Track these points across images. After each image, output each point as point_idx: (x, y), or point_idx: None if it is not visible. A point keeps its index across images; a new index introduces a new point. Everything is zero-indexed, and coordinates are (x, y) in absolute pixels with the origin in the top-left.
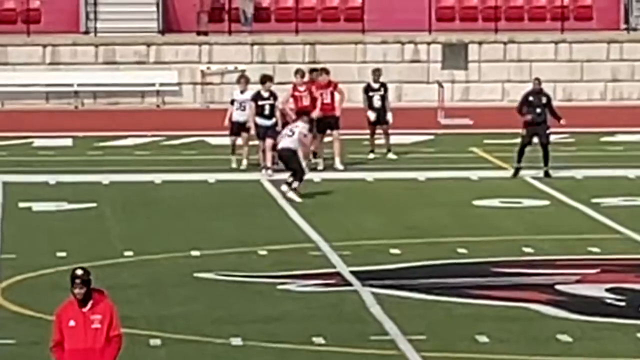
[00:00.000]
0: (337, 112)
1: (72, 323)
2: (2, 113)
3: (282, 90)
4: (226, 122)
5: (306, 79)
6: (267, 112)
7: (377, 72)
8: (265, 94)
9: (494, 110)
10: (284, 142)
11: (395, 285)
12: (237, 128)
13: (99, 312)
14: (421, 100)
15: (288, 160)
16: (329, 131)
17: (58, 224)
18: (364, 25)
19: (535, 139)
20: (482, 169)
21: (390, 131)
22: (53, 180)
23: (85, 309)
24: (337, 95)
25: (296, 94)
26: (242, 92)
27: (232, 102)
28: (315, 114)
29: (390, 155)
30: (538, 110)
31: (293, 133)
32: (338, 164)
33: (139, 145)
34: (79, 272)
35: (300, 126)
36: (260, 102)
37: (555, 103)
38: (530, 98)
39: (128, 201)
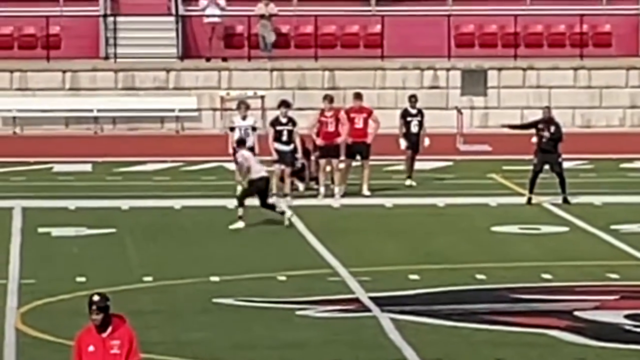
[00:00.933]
0: (369, 140)
1: (91, 348)
2: (22, 138)
3: (301, 116)
4: (230, 150)
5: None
6: (285, 137)
7: (413, 98)
8: (284, 120)
9: (512, 136)
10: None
11: (414, 311)
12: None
13: (118, 337)
14: (440, 127)
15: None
16: (358, 157)
17: (77, 250)
18: (383, 52)
19: (547, 166)
20: (501, 195)
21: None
22: (72, 206)
23: (104, 335)
24: (371, 123)
25: (322, 119)
26: (243, 118)
27: (231, 129)
28: (342, 139)
29: (408, 182)
30: (544, 139)
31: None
32: (365, 190)
33: (158, 171)
34: (96, 298)
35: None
36: (278, 128)
37: (573, 129)
38: (540, 125)
39: (147, 227)
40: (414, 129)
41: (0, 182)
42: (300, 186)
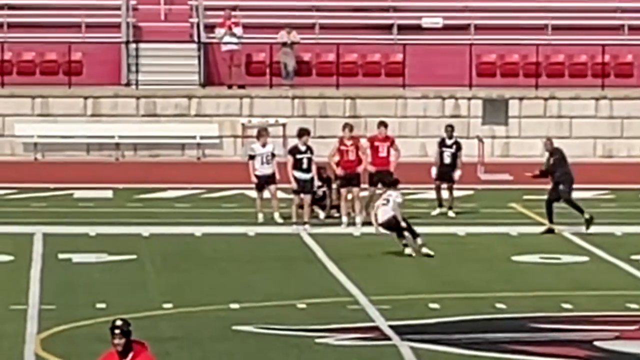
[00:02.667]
0: (392, 168)
1: None
2: (43, 164)
3: (321, 144)
4: (253, 178)
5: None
6: (305, 165)
7: (449, 128)
8: (303, 148)
9: (534, 166)
10: (386, 214)
11: (433, 340)
12: (263, 182)
13: None
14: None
15: (396, 226)
16: (379, 185)
17: (98, 276)
18: (405, 80)
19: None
20: (522, 225)
21: (431, 187)
22: (93, 232)
23: None
24: (392, 152)
25: (342, 147)
26: (263, 145)
27: (251, 157)
28: (362, 167)
29: (450, 213)
30: (559, 170)
31: (388, 202)
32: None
33: (179, 198)
34: (119, 322)
35: (394, 195)
36: (298, 156)
37: (594, 159)
38: (551, 160)
39: (168, 253)
40: (447, 159)
41: (21, 207)
42: (321, 214)
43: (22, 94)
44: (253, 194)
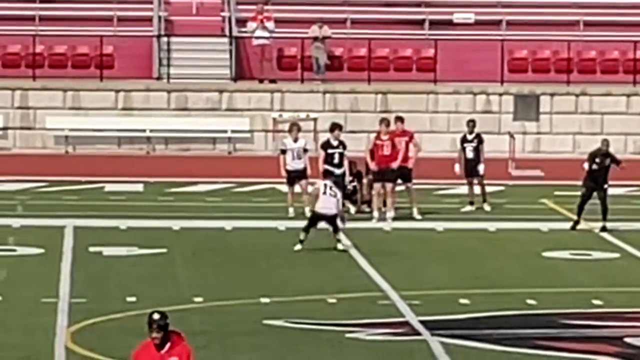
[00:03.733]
0: (410, 164)
1: None
2: (74, 157)
3: (352, 139)
4: (283, 173)
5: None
6: (336, 160)
7: (471, 123)
8: (335, 143)
9: (564, 162)
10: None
11: (464, 336)
12: (294, 177)
13: (176, 354)
14: (492, 151)
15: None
16: (399, 181)
17: (128, 269)
18: (436, 76)
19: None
20: (552, 221)
21: (462, 182)
22: (124, 225)
23: (162, 351)
24: (411, 147)
25: (378, 142)
26: (294, 140)
27: (283, 151)
28: (396, 164)
29: (485, 207)
30: (596, 171)
31: (336, 195)
32: (416, 213)
33: (209, 192)
34: (156, 316)
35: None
36: (329, 151)
37: (626, 156)
38: (597, 159)
39: (198, 247)
40: (469, 154)
41: (52, 201)
42: (352, 209)
43: (53, 87)
44: (284, 188)
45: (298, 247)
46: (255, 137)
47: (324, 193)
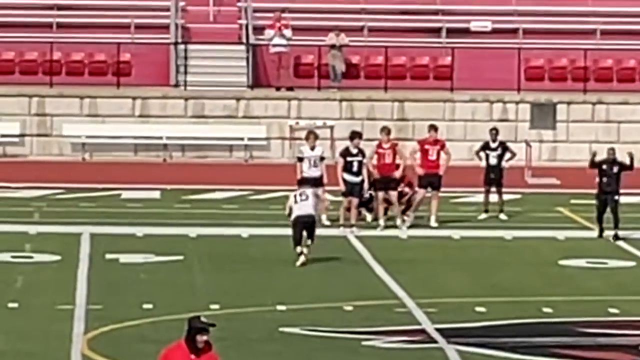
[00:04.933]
0: (441, 171)
1: None
2: (91, 164)
3: (369, 147)
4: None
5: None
6: (355, 168)
7: (494, 131)
8: (354, 151)
9: (581, 170)
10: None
11: (480, 344)
12: (311, 185)
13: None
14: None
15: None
16: (429, 189)
17: (145, 276)
18: (453, 84)
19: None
20: (569, 229)
21: (479, 190)
22: (141, 233)
23: (194, 356)
24: (443, 155)
25: (380, 151)
26: (312, 148)
27: (300, 159)
28: (419, 170)
29: (502, 216)
30: (606, 179)
31: (308, 198)
32: (433, 221)
33: (226, 199)
34: (204, 318)
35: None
36: (348, 159)
37: None
38: (604, 166)
39: (215, 254)
40: (493, 160)
41: (69, 207)
42: (368, 217)
43: (70, 94)
44: None
45: (301, 260)
46: (272, 144)
47: (296, 202)
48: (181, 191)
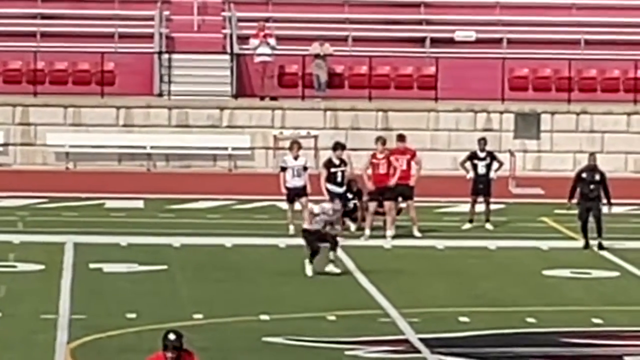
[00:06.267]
0: (412, 182)
1: None
2: (74, 174)
3: (353, 157)
4: (283, 190)
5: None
6: (338, 179)
7: (482, 142)
8: (337, 162)
9: (565, 180)
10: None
11: (463, 354)
12: (294, 194)
13: None
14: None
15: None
16: (400, 199)
17: (128, 286)
18: (437, 93)
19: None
20: (553, 239)
21: (463, 200)
22: (124, 242)
23: None
24: (414, 165)
25: (374, 161)
26: (295, 158)
27: (283, 169)
28: (392, 182)
29: (488, 226)
30: (591, 186)
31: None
32: (416, 231)
33: (210, 209)
34: (172, 337)
35: (327, 207)
36: (332, 170)
37: (626, 174)
38: (584, 175)
39: (199, 264)
40: (481, 170)
41: (52, 217)
42: (352, 226)
43: (54, 104)
44: (284, 205)
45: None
46: (256, 154)
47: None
48: (165, 200)
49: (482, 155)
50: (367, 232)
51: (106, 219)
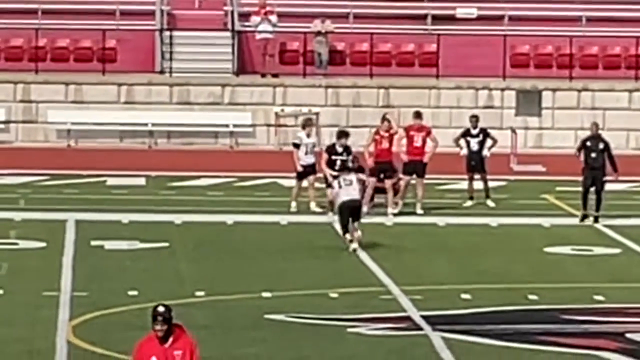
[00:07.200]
0: (426, 159)
1: (153, 359)
2: (76, 151)
3: (355, 134)
4: (298, 167)
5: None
6: (337, 167)
7: (474, 119)
8: (339, 149)
9: (566, 157)
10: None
11: (465, 331)
12: (307, 172)
13: (180, 347)
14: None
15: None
16: (414, 176)
17: (130, 263)
18: (438, 71)
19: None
20: (554, 216)
21: (464, 177)
22: (126, 219)
23: (166, 345)
24: (429, 142)
25: (377, 137)
26: (307, 135)
27: (297, 146)
28: (403, 157)
29: (489, 202)
30: (593, 155)
31: (352, 183)
32: (419, 209)
33: (212, 186)
34: (161, 309)
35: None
36: (333, 157)
37: (627, 152)
38: (588, 143)
39: (200, 241)
40: (475, 146)
41: (54, 194)
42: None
43: (55, 81)
44: (286, 182)
45: (353, 246)
46: (257, 131)
47: (340, 187)
48: (166, 178)
49: (474, 132)
50: (365, 209)
51: (108, 196)
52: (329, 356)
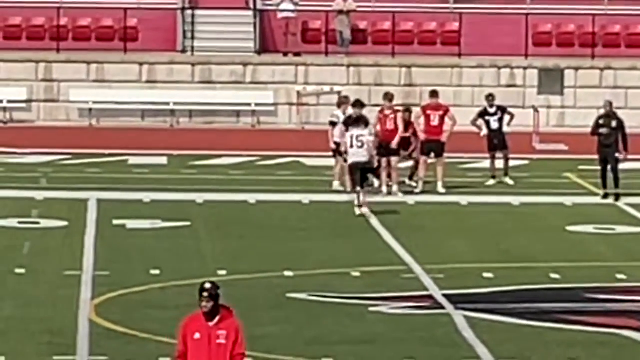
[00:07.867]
0: (444, 138)
1: (197, 336)
2: (98, 130)
3: (376, 113)
4: (332, 145)
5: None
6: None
7: (490, 97)
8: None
9: (588, 136)
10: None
11: (487, 309)
12: (339, 149)
13: (225, 328)
14: (517, 125)
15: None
16: (432, 155)
17: (152, 242)
18: (461, 49)
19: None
20: (576, 195)
21: (486, 156)
22: (147, 198)
23: (211, 323)
24: (447, 121)
25: (381, 116)
26: (344, 113)
27: (333, 124)
28: (421, 136)
29: (507, 180)
30: (604, 130)
31: (363, 145)
32: (440, 187)
33: (233, 165)
34: (208, 285)
35: (367, 135)
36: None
37: None
38: (601, 121)
39: (222, 220)
40: (494, 125)
41: (75, 173)
42: (376, 182)
43: (77, 60)
44: (308, 161)
45: (358, 211)
46: (279, 110)
47: (351, 146)
48: (188, 157)
49: (492, 110)
50: (384, 189)
51: (129, 175)
52: (351, 335)
